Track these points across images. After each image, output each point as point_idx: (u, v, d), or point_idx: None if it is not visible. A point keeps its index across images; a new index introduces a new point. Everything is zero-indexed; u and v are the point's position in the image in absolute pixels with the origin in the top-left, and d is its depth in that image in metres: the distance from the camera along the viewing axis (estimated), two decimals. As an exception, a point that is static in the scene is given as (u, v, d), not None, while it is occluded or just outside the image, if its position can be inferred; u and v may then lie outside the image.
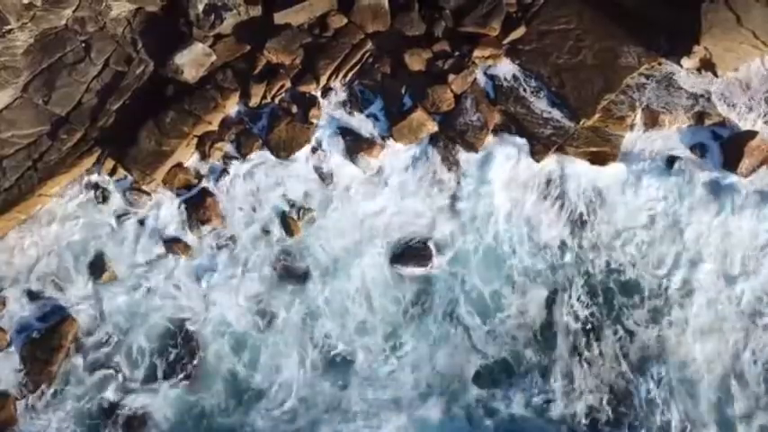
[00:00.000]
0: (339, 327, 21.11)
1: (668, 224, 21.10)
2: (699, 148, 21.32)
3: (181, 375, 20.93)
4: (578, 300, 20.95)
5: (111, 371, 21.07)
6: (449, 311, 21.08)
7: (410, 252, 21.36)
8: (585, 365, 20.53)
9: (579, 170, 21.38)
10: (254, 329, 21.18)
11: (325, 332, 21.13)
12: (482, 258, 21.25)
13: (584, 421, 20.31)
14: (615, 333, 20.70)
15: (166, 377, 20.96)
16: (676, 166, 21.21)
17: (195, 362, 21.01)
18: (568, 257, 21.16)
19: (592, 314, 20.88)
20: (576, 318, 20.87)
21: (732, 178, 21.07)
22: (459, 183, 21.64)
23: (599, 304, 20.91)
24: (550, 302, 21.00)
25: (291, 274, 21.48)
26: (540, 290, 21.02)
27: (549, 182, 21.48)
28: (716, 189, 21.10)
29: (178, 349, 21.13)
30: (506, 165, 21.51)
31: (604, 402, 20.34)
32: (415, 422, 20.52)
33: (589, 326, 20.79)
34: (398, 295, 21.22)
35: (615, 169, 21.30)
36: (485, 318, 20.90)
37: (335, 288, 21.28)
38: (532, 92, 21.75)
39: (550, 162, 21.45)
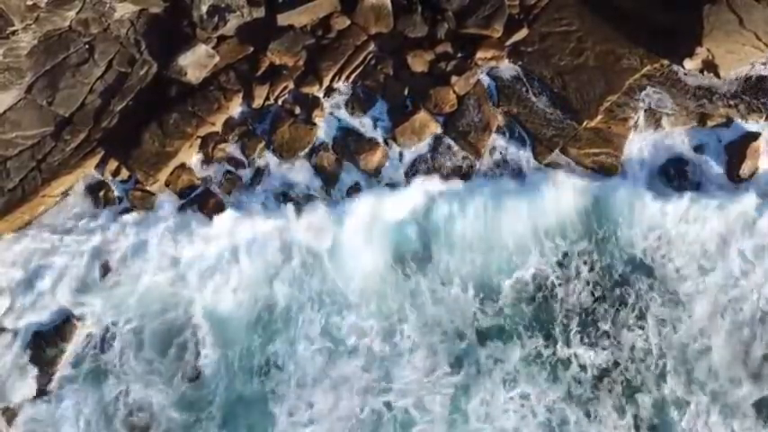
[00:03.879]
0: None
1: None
2: (701, 150, 21.48)
3: (187, 372, 21.09)
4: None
5: (115, 371, 21.21)
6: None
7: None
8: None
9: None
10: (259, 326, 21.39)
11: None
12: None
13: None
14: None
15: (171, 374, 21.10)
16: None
17: (201, 359, 21.16)
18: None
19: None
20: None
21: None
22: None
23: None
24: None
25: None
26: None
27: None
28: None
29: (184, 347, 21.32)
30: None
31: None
32: None
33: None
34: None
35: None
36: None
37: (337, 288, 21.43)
38: (535, 93, 21.83)
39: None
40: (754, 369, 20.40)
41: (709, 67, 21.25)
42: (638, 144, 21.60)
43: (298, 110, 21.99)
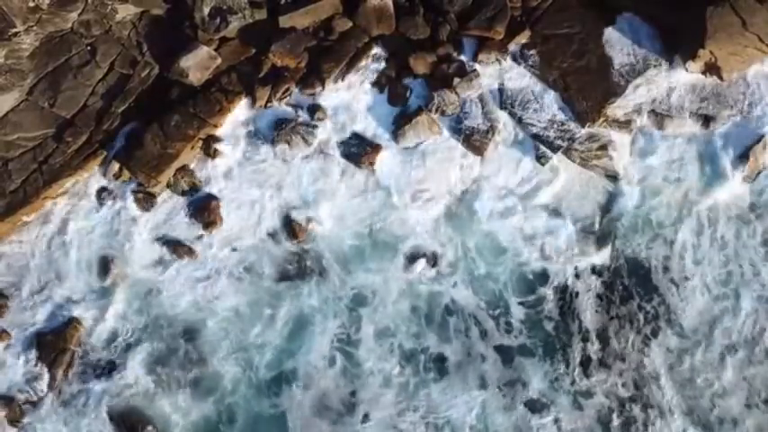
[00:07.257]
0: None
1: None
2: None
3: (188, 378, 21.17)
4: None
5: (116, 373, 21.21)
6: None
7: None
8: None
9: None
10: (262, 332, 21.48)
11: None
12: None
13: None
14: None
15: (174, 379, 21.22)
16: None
17: (204, 365, 21.21)
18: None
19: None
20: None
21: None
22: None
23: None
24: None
25: (297, 276, 21.67)
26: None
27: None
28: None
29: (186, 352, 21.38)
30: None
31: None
32: None
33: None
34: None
35: None
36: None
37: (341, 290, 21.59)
38: (537, 95, 21.79)
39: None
40: None
41: (712, 69, 21.21)
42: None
43: (300, 111, 21.99)
